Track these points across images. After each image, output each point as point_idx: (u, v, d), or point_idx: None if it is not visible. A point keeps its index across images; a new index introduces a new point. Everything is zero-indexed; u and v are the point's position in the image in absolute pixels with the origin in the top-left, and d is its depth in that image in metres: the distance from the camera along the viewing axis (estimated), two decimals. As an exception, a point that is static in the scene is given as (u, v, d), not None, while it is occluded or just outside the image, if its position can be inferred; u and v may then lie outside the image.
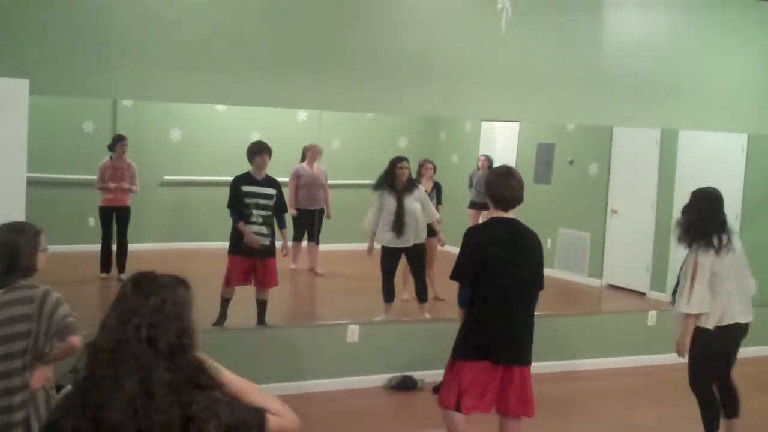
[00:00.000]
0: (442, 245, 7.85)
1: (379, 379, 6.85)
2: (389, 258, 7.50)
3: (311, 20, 6.40)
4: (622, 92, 7.48)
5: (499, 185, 4.65)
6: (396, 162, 7.45)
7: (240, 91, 6.23)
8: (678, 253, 8.37)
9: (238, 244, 6.66)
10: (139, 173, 7.16)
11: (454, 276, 4.68)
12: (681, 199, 8.42)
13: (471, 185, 8.71)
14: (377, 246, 7.49)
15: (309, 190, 7.41)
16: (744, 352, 5.72)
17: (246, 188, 6.63)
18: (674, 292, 5.51)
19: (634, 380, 7.32)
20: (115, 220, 7.09)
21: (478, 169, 8.49)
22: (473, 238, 4.70)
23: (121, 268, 7.08)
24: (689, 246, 5.38)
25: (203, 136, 7.48)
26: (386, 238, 7.43)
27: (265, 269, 6.74)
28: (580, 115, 7.51)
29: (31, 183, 4.84)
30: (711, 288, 5.26)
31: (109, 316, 2.28)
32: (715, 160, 8.33)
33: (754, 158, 8.20)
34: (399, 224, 7.36)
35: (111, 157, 7.01)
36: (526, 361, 4.64)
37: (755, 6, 7.63)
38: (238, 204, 6.61)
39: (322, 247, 7.32)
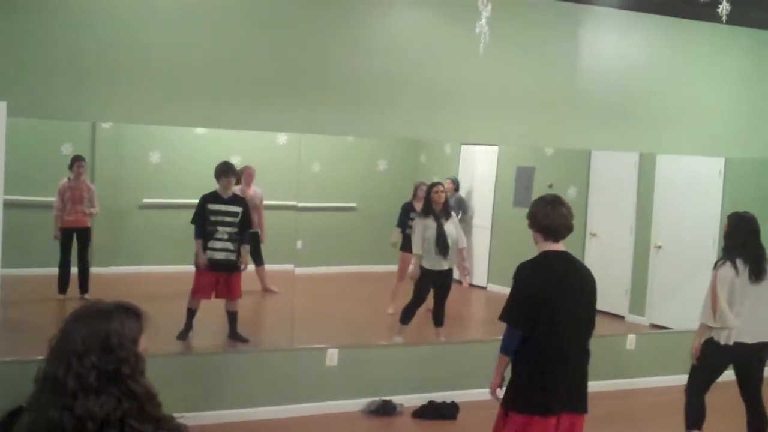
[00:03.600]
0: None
1: (358, 403, 6.83)
2: (427, 281, 7.54)
3: (291, 43, 6.43)
4: (600, 116, 7.54)
5: (549, 214, 4.35)
6: (432, 186, 7.60)
7: (220, 113, 6.25)
8: (657, 276, 8.46)
9: (207, 261, 6.88)
10: (118, 196, 7.13)
11: (504, 318, 4.34)
12: (659, 222, 8.55)
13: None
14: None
15: None
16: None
17: (212, 206, 6.88)
18: None
19: (613, 404, 7.31)
20: (75, 240, 7.06)
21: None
22: (524, 277, 4.37)
23: (84, 289, 7.04)
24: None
25: (183, 159, 7.45)
26: (428, 261, 7.48)
27: (229, 283, 6.96)
28: (559, 139, 7.56)
29: (9, 205, 4.81)
30: (729, 305, 5.50)
31: (50, 346, 2.31)
32: (692, 183, 8.40)
33: (732, 182, 8.26)
34: (444, 247, 7.45)
35: (69, 178, 6.98)
36: (583, 408, 4.36)
37: (731, 31, 7.72)
38: (202, 221, 6.84)
39: (300, 270, 7.30)
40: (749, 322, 5.53)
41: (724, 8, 3.37)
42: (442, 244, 7.47)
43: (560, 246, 4.40)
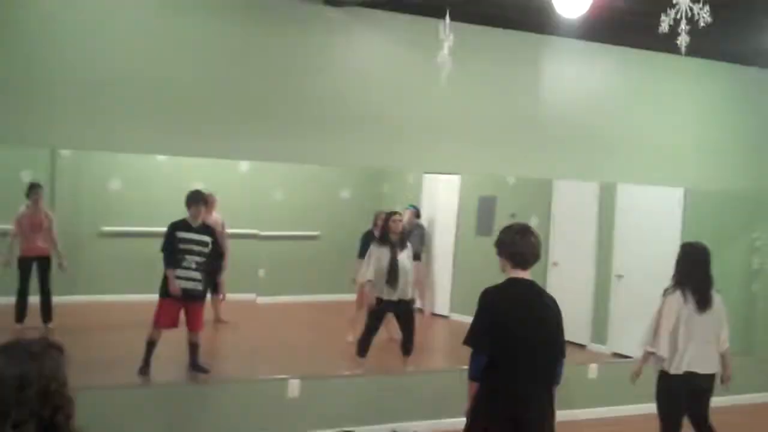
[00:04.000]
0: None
1: (320, 434, 6.76)
2: (380, 311, 7.49)
3: (253, 71, 6.41)
4: (561, 146, 7.59)
5: (517, 242, 4.39)
6: (390, 215, 7.55)
7: (181, 141, 6.20)
8: (619, 305, 8.51)
9: (171, 289, 6.72)
10: (77, 224, 7.05)
11: (468, 342, 4.33)
12: (620, 251, 8.60)
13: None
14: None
15: None
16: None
17: (181, 234, 6.74)
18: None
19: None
20: (36, 269, 6.94)
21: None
22: (488, 301, 4.36)
23: (47, 317, 6.93)
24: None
25: (143, 186, 7.40)
26: (380, 290, 7.43)
27: (193, 312, 6.84)
28: (520, 169, 7.60)
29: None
30: (675, 335, 5.51)
31: None
32: (653, 213, 8.47)
33: (691, 212, 8.34)
34: (393, 277, 7.39)
35: (27, 206, 6.88)
36: None
37: (691, 62, 7.82)
38: (171, 250, 6.70)
39: (262, 299, 7.24)
40: (699, 352, 5.57)
41: (683, 40, 3.41)
42: (392, 274, 7.41)
43: (526, 274, 4.42)
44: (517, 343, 4.26)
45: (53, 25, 5.86)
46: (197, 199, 6.82)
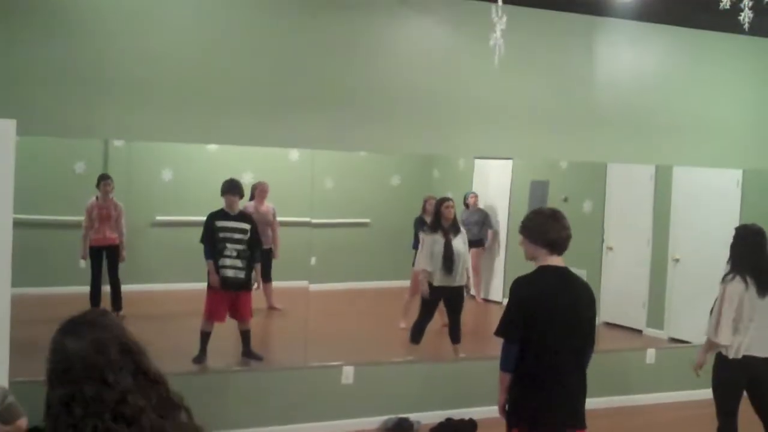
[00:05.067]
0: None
1: (375, 421, 6.76)
2: (434, 298, 7.48)
3: (304, 59, 6.41)
4: (615, 129, 7.48)
5: (550, 228, 4.29)
6: (442, 202, 7.53)
7: (232, 130, 6.23)
8: (675, 289, 8.37)
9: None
10: (130, 213, 7.10)
11: (500, 332, 4.34)
12: (676, 235, 8.46)
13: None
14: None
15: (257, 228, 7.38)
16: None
17: (219, 223, 6.82)
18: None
19: (633, 420, 7.22)
20: (105, 258, 7.03)
21: (467, 207, 8.42)
22: (521, 291, 4.35)
23: (117, 306, 7.01)
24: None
25: (195, 176, 7.42)
26: (436, 277, 7.41)
27: (241, 303, 6.91)
28: (573, 153, 7.50)
29: (21, 224, 4.78)
30: (736, 320, 5.37)
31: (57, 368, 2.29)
32: (710, 195, 8.32)
33: (750, 193, 8.18)
34: (450, 263, 7.37)
35: (97, 197, 6.96)
36: (581, 424, 4.31)
37: (748, 41, 7.64)
38: (211, 240, 6.78)
39: (314, 286, 7.25)
40: (759, 335, 5.43)
41: (746, 16, 3.30)
42: (448, 261, 7.40)
43: (560, 261, 4.35)
44: (547, 333, 4.22)
45: (105, 17, 5.91)
46: (231, 190, 6.87)
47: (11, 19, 5.64)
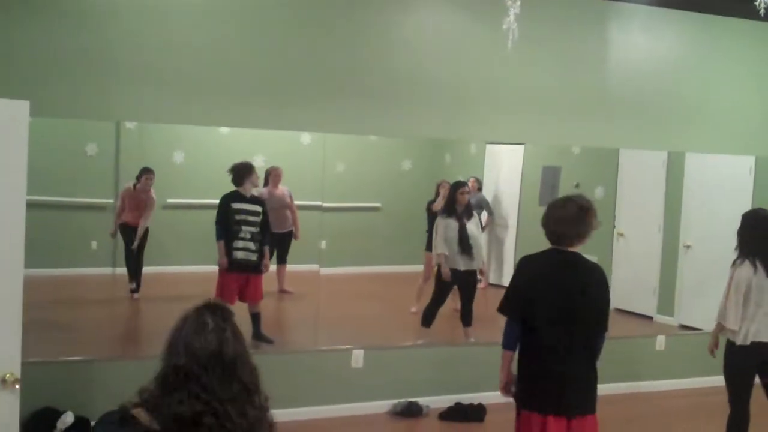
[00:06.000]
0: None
1: (384, 405, 6.78)
2: (448, 282, 7.50)
3: (315, 43, 6.39)
4: (628, 115, 7.44)
5: (550, 218, 4.29)
6: (457, 187, 7.54)
7: (244, 113, 6.23)
8: (686, 276, 8.34)
9: (229, 262, 6.85)
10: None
11: (501, 309, 4.36)
12: (688, 221, 8.43)
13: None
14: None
15: (275, 213, 7.38)
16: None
17: (236, 205, 6.87)
18: None
19: (643, 406, 7.22)
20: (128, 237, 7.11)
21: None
22: (523, 269, 4.35)
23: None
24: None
25: (207, 159, 7.42)
26: (453, 261, 7.44)
27: (252, 285, 6.96)
28: (585, 138, 7.48)
29: (33, 206, 4.79)
30: (745, 305, 5.36)
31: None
32: (722, 182, 8.28)
33: (762, 180, 8.15)
34: (467, 247, 7.42)
35: (135, 186, 7.01)
36: (590, 409, 4.27)
37: (762, 27, 7.58)
38: (227, 221, 6.83)
39: (324, 270, 7.26)
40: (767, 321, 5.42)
41: (762, 1, 3.27)
42: (464, 244, 7.42)
43: (568, 247, 4.29)
44: (546, 313, 4.20)
45: (117, 1, 5.90)
46: (252, 171, 6.95)
47: (25, 1, 5.63)
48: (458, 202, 7.50)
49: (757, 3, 3.23)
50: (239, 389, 2.36)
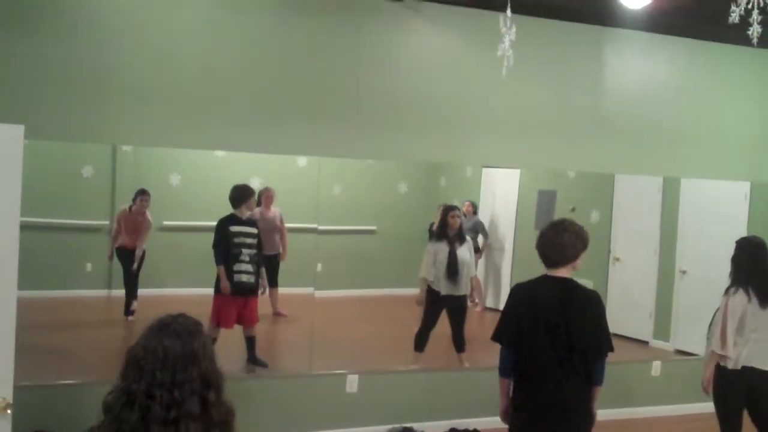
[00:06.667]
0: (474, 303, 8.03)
1: (379, 430, 6.71)
2: (437, 306, 7.48)
3: (311, 67, 6.41)
4: (623, 140, 7.46)
5: (542, 241, 4.32)
6: (448, 211, 7.56)
7: (240, 137, 6.24)
8: (682, 301, 8.33)
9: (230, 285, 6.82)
10: (137, 218, 7.13)
11: (494, 337, 4.38)
12: (684, 246, 8.43)
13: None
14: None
15: (265, 234, 7.38)
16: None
17: (234, 228, 6.85)
18: (708, 334, 5.63)
19: (638, 432, 7.19)
20: (123, 263, 7.09)
21: (464, 215, 8.40)
22: (514, 297, 4.38)
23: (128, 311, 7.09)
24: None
25: (203, 182, 7.43)
26: (440, 285, 7.45)
27: (249, 308, 6.95)
28: (581, 163, 7.49)
29: (28, 227, 4.78)
30: (738, 332, 5.36)
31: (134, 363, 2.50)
32: (717, 207, 8.29)
33: (757, 206, 8.16)
34: (453, 272, 7.40)
35: (130, 208, 7.01)
36: None
37: (756, 54, 7.62)
38: (226, 245, 6.79)
39: (320, 293, 7.24)
40: (760, 347, 5.41)
41: (755, 30, 3.28)
42: (452, 269, 7.41)
43: (563, 272, 4.30)
44: (535, 341, 4.19)
45: (114, 22, 5.92)
46: (250, 194, 6.97)
47: (19, 23, 5.65)
48: (449, 226, 7.50)
49: (750, 32, 3.25)
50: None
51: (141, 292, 7.19)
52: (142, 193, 7.04)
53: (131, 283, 7.10)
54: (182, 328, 2.51)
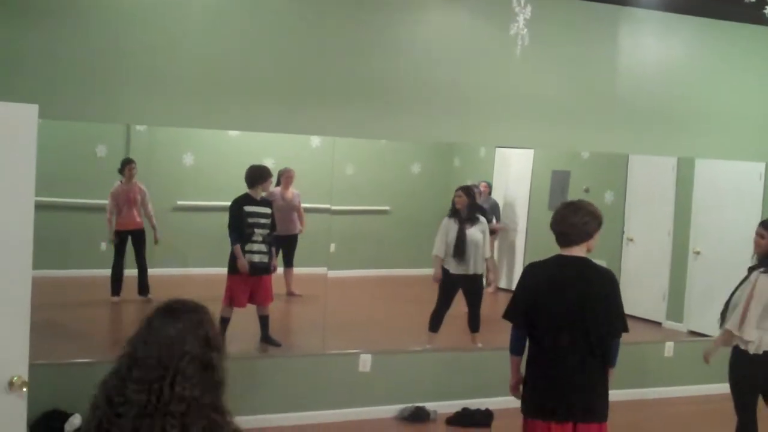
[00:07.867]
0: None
1: (392, 409, 6.77)
2: (448, 285, 7.50)
3: (326, 47, 6.40)
4: (637, 120, 7.42)
5: (556, 219, 4.30)
6: (456, 190, 7.58)
7: (253, 117, 6.24)
8: (696, 282, 8.31)
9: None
10: (152, 198, 7.13)
11: (506, 315, 4.38)
12: (698, 227, 8.40)
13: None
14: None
15: (284, 215, 7.40)
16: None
17: (248, 209, 6.85)
18: (723, 312, 5.53)
19: (651, 413, 7.19)
20: (131, 242, 7.08)
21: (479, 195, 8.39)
22: (527, 276, 4.37)
23: (144, 290, 7.08)
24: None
25: (216, 162, 7.44)
26: (451, 264, 7.46)
27: (263, 287, 6.97)
28: (595, 143, 7.46)
29: (43, 207, 4.80)
30: (762, 316, 5.28)
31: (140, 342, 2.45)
32: (732, 188, 8.25)
33: (773, 187, 8.12)
34: (460, 251, 7.40)
35: (120, 182, 7.00)
36: (598, 417, 4.23)
37: (773, 33, 7.56)
38: (240, 225, 6.80)
39: (333, 273, 7.26)
40: None
41: (771, 9, 3.25)
42: (458, 248, 7.42)
43: (576, 251, 4.27)
44: (550, 319, 4.20)
45: (128, 3, 5.91)
46: (267, 174, 6.95)
47: (34, 4, 5.66)
48: (455, 205, 7.52)
49: (766, 11, 3.22)
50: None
51: (155, 271, 7.22)
52: (129, 162, 7.00)
53: (141, 263, 7.12)
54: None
